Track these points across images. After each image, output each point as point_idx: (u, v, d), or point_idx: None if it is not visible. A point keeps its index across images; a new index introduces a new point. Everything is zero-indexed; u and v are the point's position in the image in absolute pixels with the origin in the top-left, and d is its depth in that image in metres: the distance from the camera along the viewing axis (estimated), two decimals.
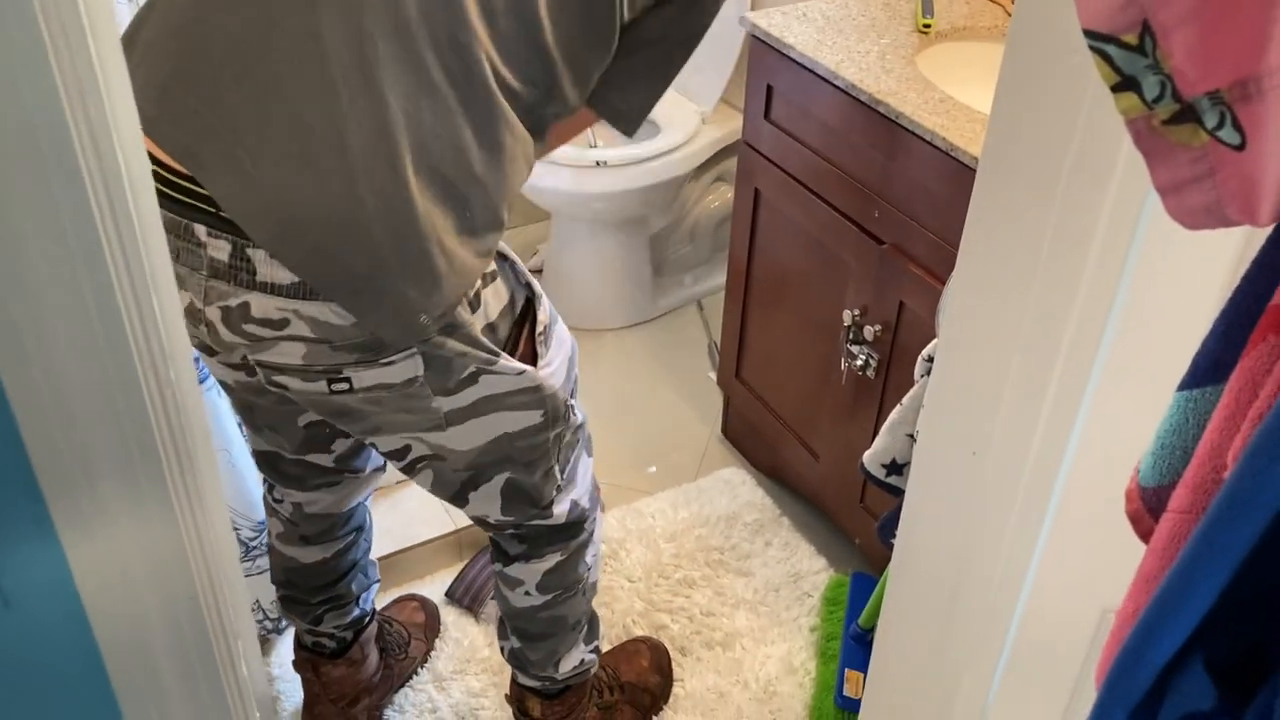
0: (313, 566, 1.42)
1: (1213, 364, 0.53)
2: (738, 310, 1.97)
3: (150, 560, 0.67)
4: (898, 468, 1.43)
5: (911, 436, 1.39)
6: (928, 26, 1.67)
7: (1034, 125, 0.91)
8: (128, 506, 0.63)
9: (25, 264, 0.56)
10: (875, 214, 1.59)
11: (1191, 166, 0.49)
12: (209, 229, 0.97)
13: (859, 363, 1.65)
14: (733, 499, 1.97)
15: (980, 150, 0.97)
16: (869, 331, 1.63)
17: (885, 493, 1.47)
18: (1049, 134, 0.89)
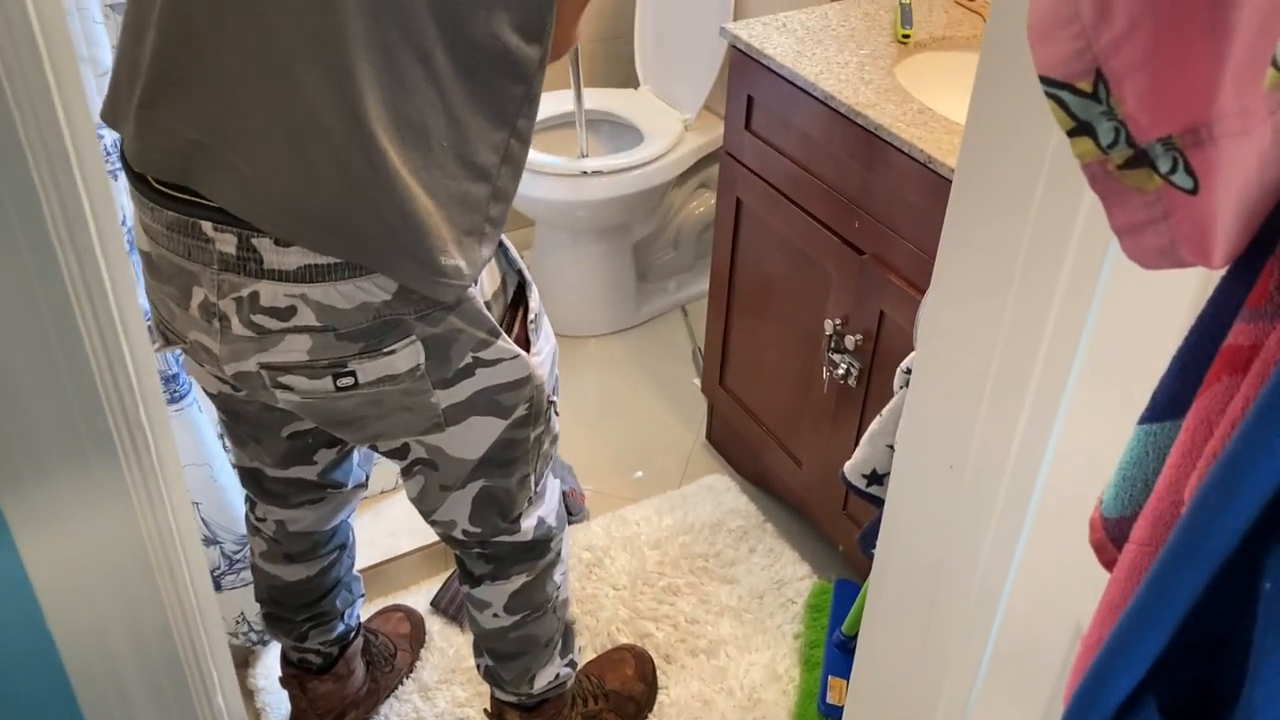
0: (297, 585, 1.42)
1: (1171, 399, 0.54)
2: (721, 318, 1.98)
3: (114, 581, 0.66)
4: (878, 478, 1.44)
5: (892, 447, 1.39)
6: (906, 37, 1.68)
7: (1007, 142, 0.92)
8: (82, 500, 0.61)
9: None
10: (855, 224, 1.59)
11: (1147, 210, 0.50)
12: (214, 224, 0.99)
13: (841, 371, 1.66)
14: (717, 506, 1.98)
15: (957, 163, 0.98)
16: (850, 341, 1.64)
17: (867, 502, 1.48)
18: (1022, 150, 0.90)
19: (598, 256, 2.37)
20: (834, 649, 1.68)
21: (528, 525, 1.29)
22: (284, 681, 1.52)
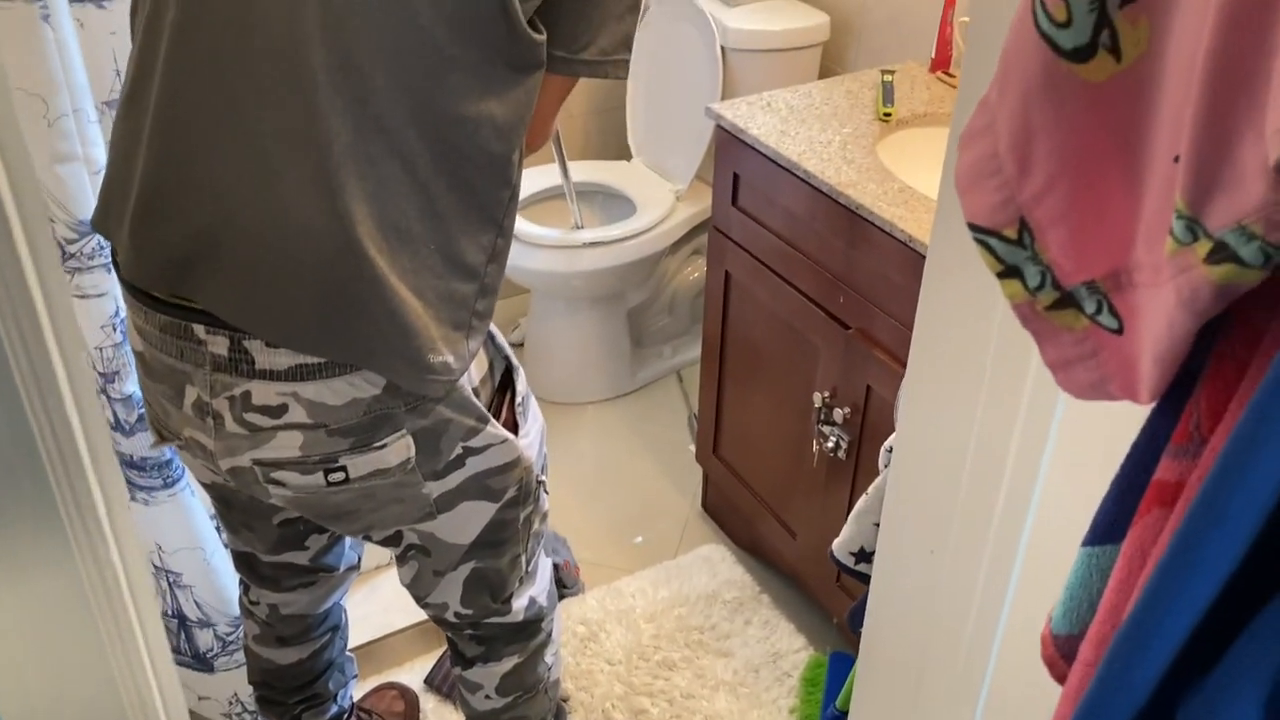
0: (289, 668, 1.42)
1: (1110, 524, 0.55)
2: (713, 388, 1.99)
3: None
4: (866, 555, 1.44)
5: (878, 525, 1.40)
6: (888, 115, 1.71)
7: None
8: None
9: None
10: (840, 299, 1.62)
11: (1076, 347, 0.51)
12: (206, 327, 1.01)
13: (830, 444, 1.67)
14: (713, 577, 1.98)
15: None
16: (838, 414, 1.65)
17: (856, 580, 1.49)
18: None
19: (593, 324, 2.40)
20: None
21: (519, 606, 1.30)
22: None
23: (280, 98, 0.95)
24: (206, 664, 1.55)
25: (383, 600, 1.83)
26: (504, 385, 1.21)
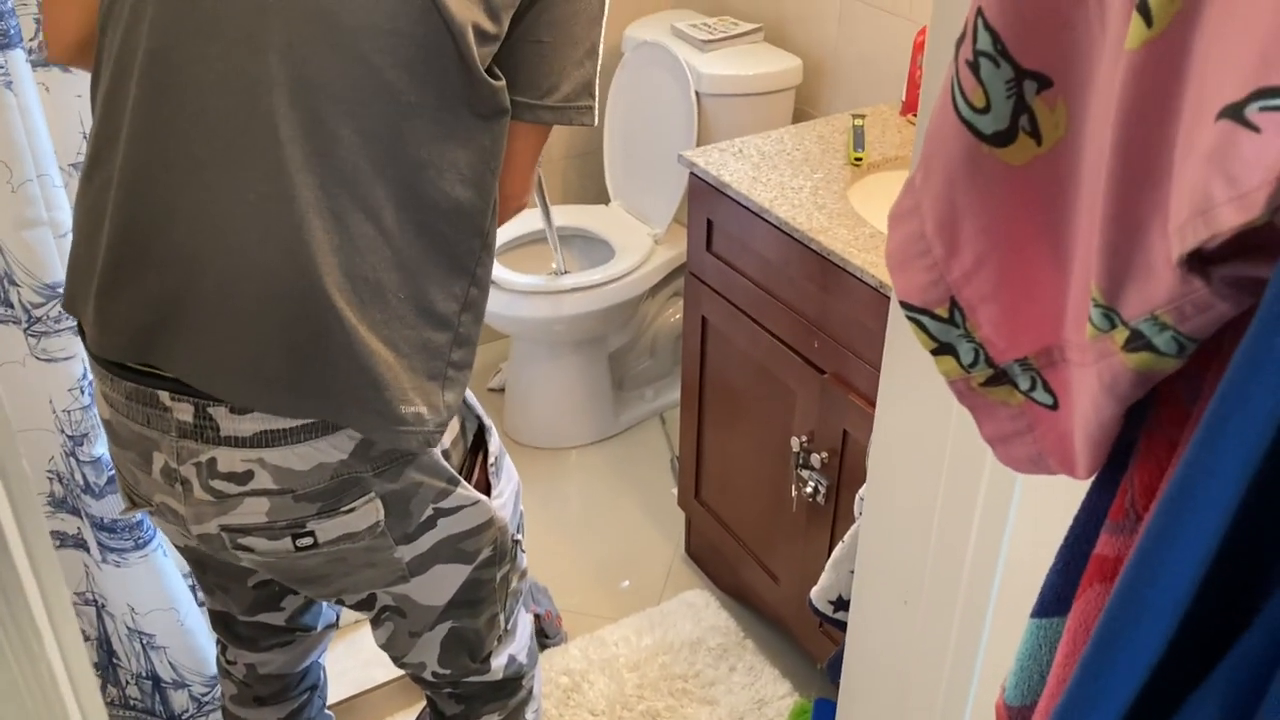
0: None
1: (1056, 596, 0.55)
2: (693, 432, 1.99)
3: None
4: (845, 604, 1.43)
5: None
6: (859, 159, 1.72)
7: None
8: None
9: None
10: (815, 344, 1.62)
11: (1012, 422, 0.51)
12: (171, 394, 1.01)
13: (809, 489, 1.66)
14: (697, 623, 1.97)
15: None
16: (816, 458, 1.65)
17: (835, 629, 1.48)
18: None
19: (575, 368, 2.40)
20: None
21: (498, 664, 1.29)
22: None
23: (243, 157, 0.95)
24: None
25: (362, 655, 1.81)
26: (476, 445, 1.20)
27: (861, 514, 1.38)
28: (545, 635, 1.90)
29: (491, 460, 1.20)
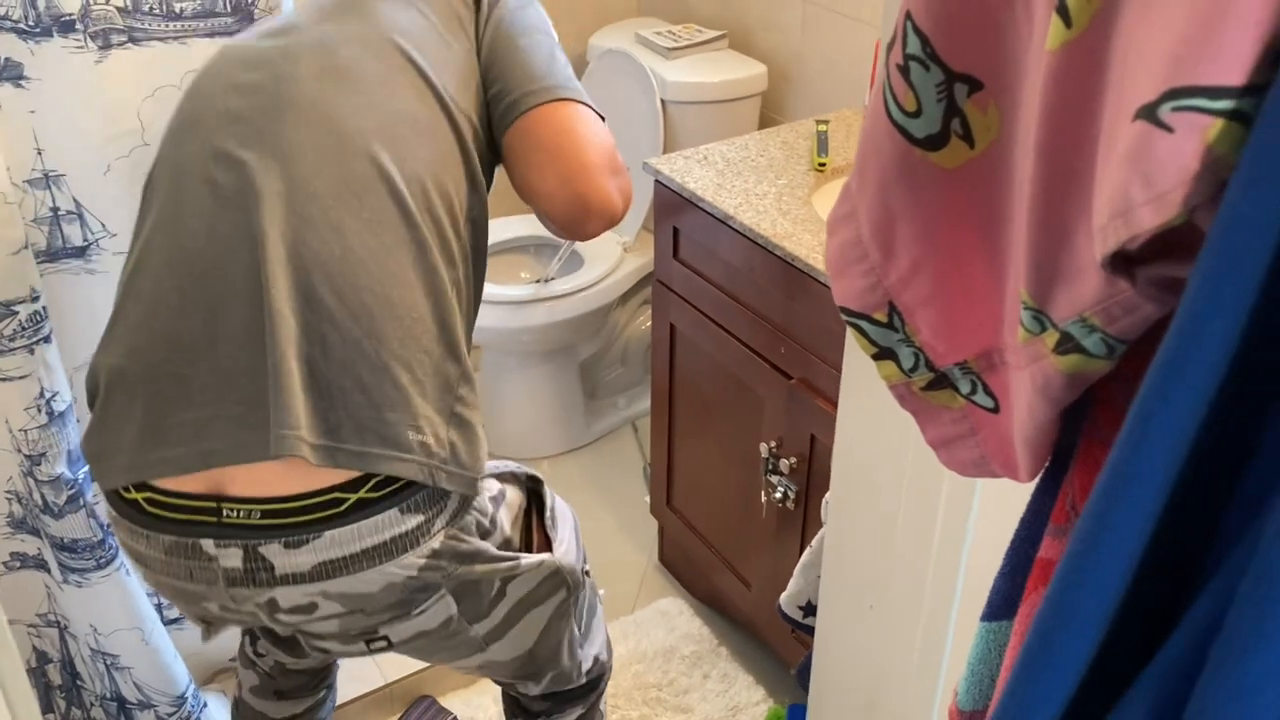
0: None
1: (1004, 600, 0.55)
2: (664, 440, 1.98)
3: None
4: (814, 609, 1.43)
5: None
6: (823, 165, 1.72)
7: None
8: None
9: None
10: (781, 349, 1.62)
11: (954, 426, 0.51)
12: (216, 540, 0.96)
13: (779, 494, 1.66)
14: (670, 631, 1.96)
15: None
16: (785, 464, 1.65)
17: (804, 634, 1.47)
18: None
19: (545, 377, 2.39)
20: None
21: (585, 669, 1.32)
22: None
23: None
24: None
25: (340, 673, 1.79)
26: (531, 505, 1.21)
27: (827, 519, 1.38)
28: None
29: (548, 514, 1.20)
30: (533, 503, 1.21)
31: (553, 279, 2.25)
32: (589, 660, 1.31)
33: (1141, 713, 0.33)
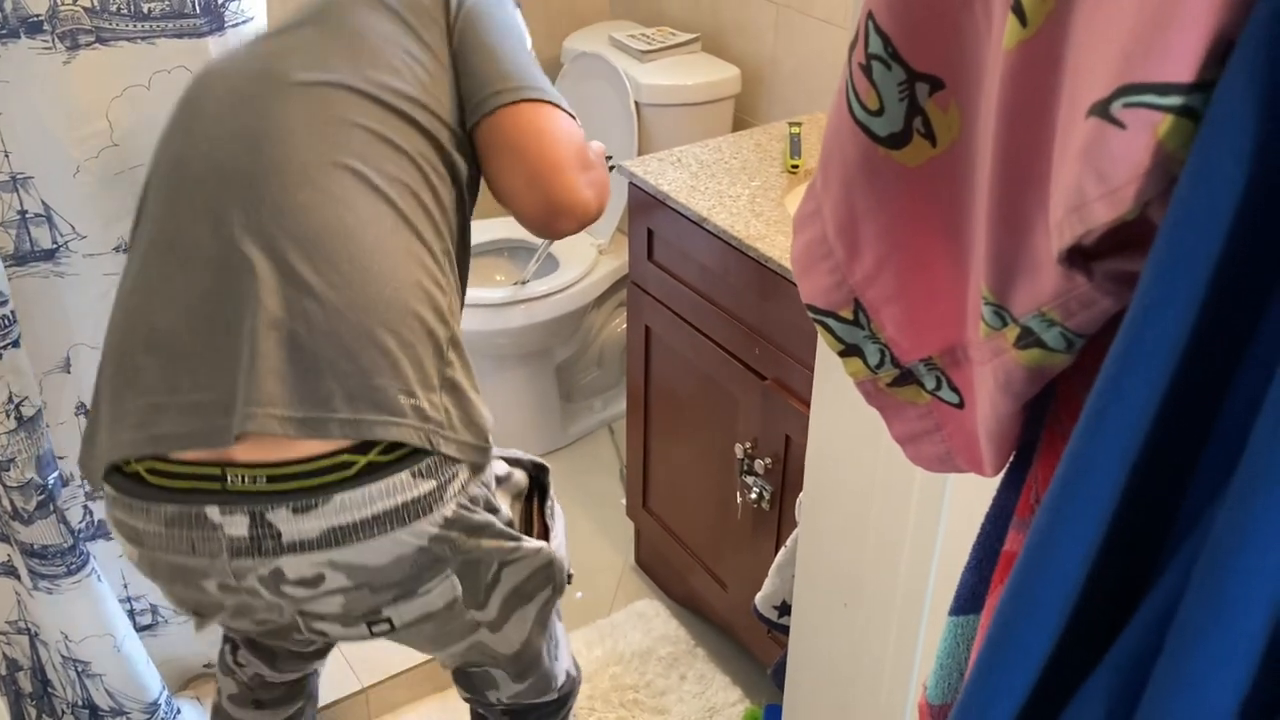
0: None
1: (971, 594, 0.55)
2: (640, 442, 1.99)
3: None
4: (789, 609, 1.44)
5: None
6: (796, 166, 1.73)
7: None
8: None
9: None
10: (756, 350, 1.62)
11: (920, 421, 0.52)
12: (221, 507, 0.94)
13: (754, 495, 1.67)
14: (647, 633, 1.96)
15: None
16: (760, 464, 1.65)
17: (780, 634, 1.48)
18: None
19: (522, 380, 2.38)
20: None
21: (558, 683, 1.31)
22: None
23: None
24: None
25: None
26: (532, 491, 1.22)
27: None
28: None
29: (549, 503, 1.20)
30: (534, 490, 1.21)
31: (529, 281, 2.25)
32: (562, 675, 1.31)
33: (1101, 700, 0.33)
